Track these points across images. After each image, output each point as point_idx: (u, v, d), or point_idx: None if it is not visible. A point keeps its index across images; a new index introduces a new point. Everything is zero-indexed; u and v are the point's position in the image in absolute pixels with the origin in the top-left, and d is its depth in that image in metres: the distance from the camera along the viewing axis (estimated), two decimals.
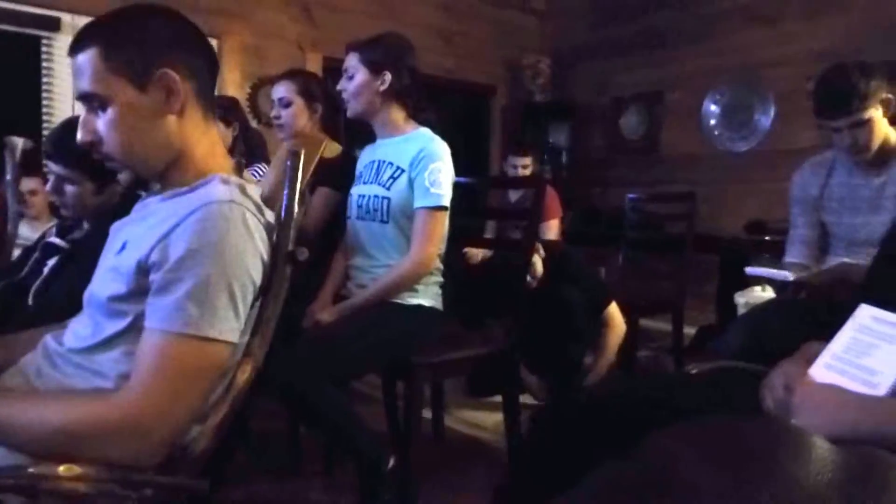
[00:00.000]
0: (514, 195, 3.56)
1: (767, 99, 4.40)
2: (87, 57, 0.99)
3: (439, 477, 2.17)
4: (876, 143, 1.93)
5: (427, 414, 2.42)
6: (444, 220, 1.92)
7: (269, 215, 1.07)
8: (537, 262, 2.57)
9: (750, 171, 4.44)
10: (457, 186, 1.97)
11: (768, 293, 2.59)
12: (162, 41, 1.02)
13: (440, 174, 1.89)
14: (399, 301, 1.89)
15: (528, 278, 2.31)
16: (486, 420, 2.73)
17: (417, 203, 1.89)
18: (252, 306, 1.02)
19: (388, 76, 1.93)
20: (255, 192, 1.06)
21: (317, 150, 2.25)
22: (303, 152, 1.11)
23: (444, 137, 1.99)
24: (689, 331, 3.58)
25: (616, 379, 2.88)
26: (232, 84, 4.20)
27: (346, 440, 1.77)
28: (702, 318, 3.78)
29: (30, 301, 1.66)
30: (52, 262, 1.72)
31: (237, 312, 0.97)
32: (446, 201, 1.91)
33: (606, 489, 0.40)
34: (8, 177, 2.05)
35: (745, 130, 4.52)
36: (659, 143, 5.00)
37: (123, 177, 1.07)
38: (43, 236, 1.95)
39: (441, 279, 2.00)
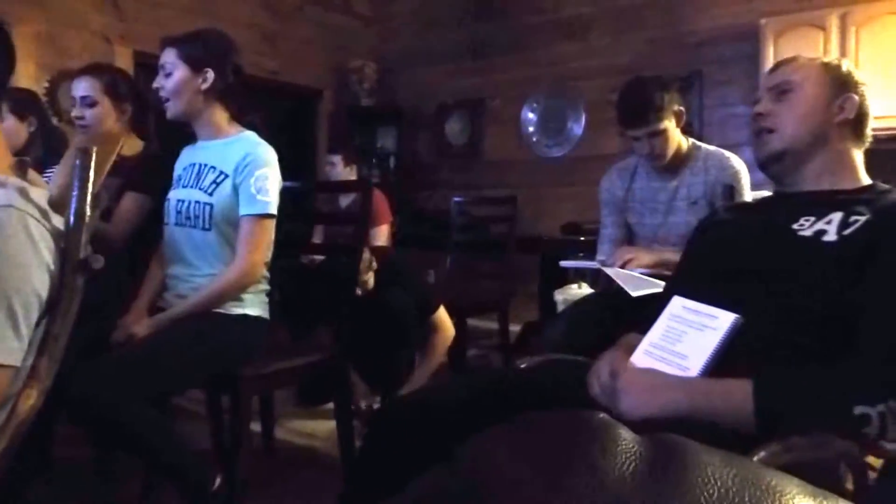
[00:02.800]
0: (344, 200, 3.53)
1: (579, 108, 4.73)
2: None
3: (272, 491, 2.10)
4: (670, 150, 2.14)
5: (256, 427, 2.34)
6: (271, 228, 1.86)
7: (58, 221, 0.97)
8: (370, 278, 2.56)
9: (565, 176, 4.74)
10: (284, 191, 1.91)
11: (585, 290, 2.78)
12: None
13: (267, 181, 1.82)
14: (223, 311, 1.80)
15: (358, 291, 2.30)
16: (318, 428, 2.69)
17: (243, 210, 1.81)
18: (38, 323, 0.92)
19: (210, 74, 1.83)
20: (40, 195, 0.96)
21: (112, 147, 2.08)
22: (94, 150, 1.02)
23: (268, 141, 1.92)
24: (515, 328, 3.76)
25: (446, 379, 2.95)
26: (26, 76, 3.77)
27: (166, 463, 1.65)
28: (527, 315, 3.98)
29: None
30: None
31: (18, 332, 0.87)
32: (273, 209, 1.84)
33: (428, 496, 0.40)
34: None
35: (560, 137, 4.83)
36: (482, 149, 5.20)
37: None
38: None
39: (268, 287, 1.93)
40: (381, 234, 3.43)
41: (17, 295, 0.86)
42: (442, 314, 2.88)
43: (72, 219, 0.98)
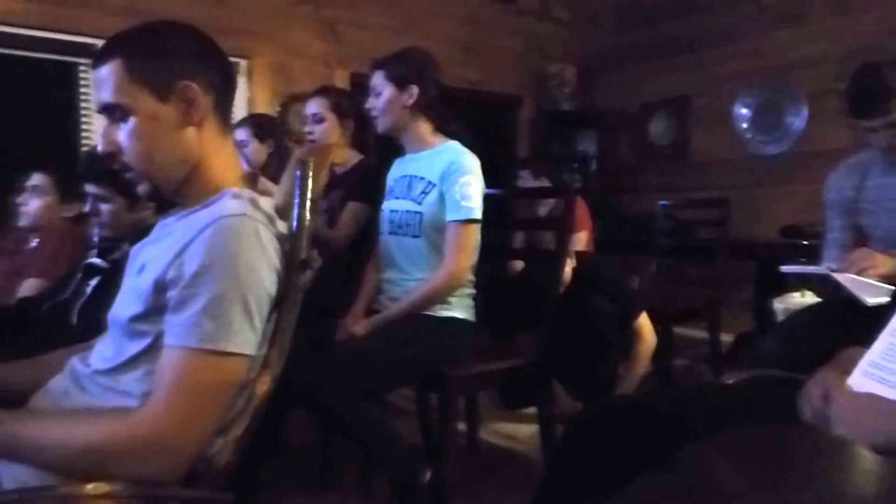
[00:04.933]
0: (542, 209, 3.54)
1: (799, 100, 4.33)
2: (109, 68, 1.01)
3: (474, 489, 2.16)
4: None
5: (462, 426, 2.42)
6: (476, 233, 1.93)
7: (282, 226, 1.08)
8: (566, 269, 2.55)
9: (783, 175, 4.36)
10: (486, 198, 1.97)
11: (808, 299, 2.53)
12: (183, 54, 1.04)
13: (471, 187, 1.90)
14: (431, 314, 1.89)
15: None
16: (520, 432, 2.72)
17: (449, 216, 1.90)
18: (269, 318, 1.02)
19: (414, 90, 1.95)
20: (267, 203, 1.08)
21: (327, 157, 2.29)
22: (311, 160, 1.12)
23: (471, 149, 2.00)
24: (727, 338, 3.53)
25: (651, 388, 2.84)
26: (262, 103, 4.27)
27: (380, 452, 1.78)
28: (739, 325, 3.72)
29: (73, 320, 1.71)
30: (93, 281, 1.76)
31: (253, 325, 0.98)
32: (478, 214, 1.91)
33: (644, 501, 0.40)
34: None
35: (777, 133, 4.45)
36: (688, 149, 4.94)
37: (142, 189, 1.08)
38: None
39: (473, 291, 2.00)
40: (581, 240, 3.40)
41: (251, 293, 0.97)
42: (644, 321, 2.78)
43: (295, 223, 1.09)
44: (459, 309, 1.94)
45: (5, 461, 0.95)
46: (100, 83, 1.03)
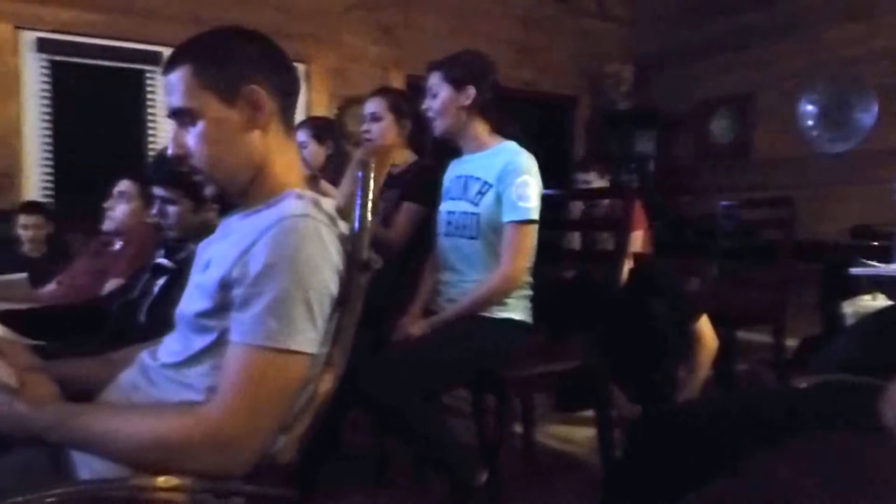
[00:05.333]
0: (595, 208, 3.48)
1: (868, 95, 4.15)
2: (179, 74, 1.04)
3: (529, 492, 2.14)
4: None
5: (517, 428, 2.41)
6: (533, 234, 1.92)
7: (343, 226, 1.09)
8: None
9: (851, 173, 4.19)
10: (542, 199, 1.96)
11: (880, 302, 2.43)
12: (249, 59, 1.07)
13: (528, 188, 1.89)
14: (488, 315, 1.89)
15: None
16: (576, 434, 2.69)
17: (506, 217, 1.89)
18: (331, 318, 1.04)
19: (471, 90, 1.95)
20: (329, 204, 1.09)
21: (387, 159, 2.31)
22: (372, 162, 1.13)
23: (527, 150, 1.99)
24: (792, 343, 3.41)
25: (715, 393, 2.77)
26: (320, 106, 4.34)
27: (436, 453, 1.78)
28: (804, 328, 3.59)
29: (142, 318, 1.77)
30: (161, 281, 1.82)
31: (315, 324, 0.99)
32: (535, 214, 1.90)
33: None
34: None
35: (845, 130, 4.28)
36: (750, 147, 4.80)
37: (209, 190, 1.11)
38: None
39: (530, 292, 1.99)
40: (636, 240, 3.33)
41: (313, 292, 0.98)
42: (704, 324, 2.71)
43: (356, 224, 1.10)
44: (516, 310, 1.93)
45: (81, 452, 0.99)
46: (170, 88, 1.06)
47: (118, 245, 2.56)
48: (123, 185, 2.54)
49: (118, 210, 2.52)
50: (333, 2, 4.53)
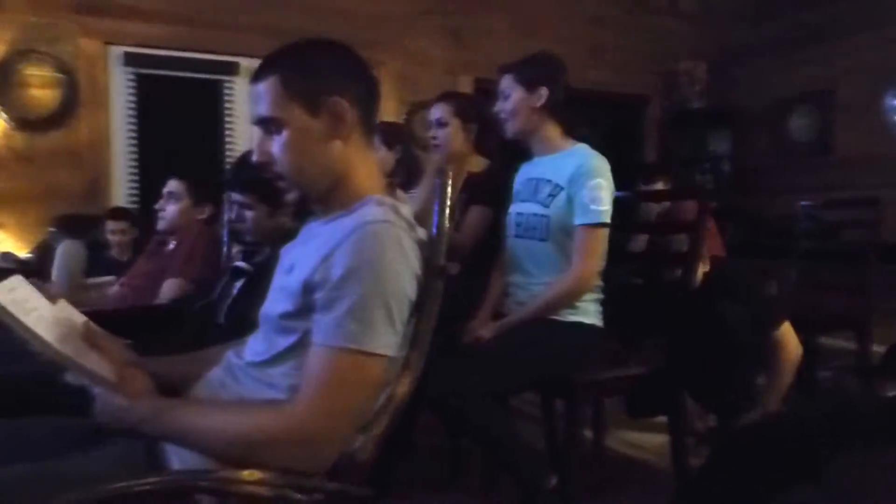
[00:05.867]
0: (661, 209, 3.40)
1: None
2: (266, 84, 1.08)
3: (600, 498, 2.12)
4: None
5: (587, 433, 2.38)
6: (605, 237, 1.90)
7: (421, 232, 1.11)
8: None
9: None
10: (614, 201, 1.94)
11: None
12: (334, 71, 1.10)
13: (601, 190, 1.87)
14: (559, 318, 1.88)
15: None
16: (648, 441, 2.64)
17: (578, 220, 1.88)
18: (408, 321, 1.06)
19: (544, 91, 1.95)
20: (407, 211, 1.12)
21: (463, 166, 2.33)
22: (450, 170, 1.15)
23: (599, 151, 1.97)
24: (879, 349, 3.25)
25: (797, 403, 2.67)
26: (388, 111, 4.41)
27: (505, 456, 1.79)
28: (891, 335, 3.42)
29: (221, 319, 1.84)
30: (238, 283, 1.89)
31: (394, 327, 1.01)
32: (607, 217, 1.88)
33: None
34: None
35: None
36: (832, 145, 4.61)
37: (291, 196, 1.15)
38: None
39: (601, 296, 1.97)
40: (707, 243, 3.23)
41: (393, 297, 1.00)
42: (786, 330, 2.61)
43: (434, 230, 1.13)
44: (587, 313, 1.91)
45: (173, 445, 1.04)
46: (257, 98, 1.10)
47: (172, 244, 2.63)
48: (171, 185, 2.61)
49: (168, 210, 2.58)
50: (400, 7, 4.60)
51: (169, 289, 2.38)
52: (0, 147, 3.84)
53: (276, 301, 1.11)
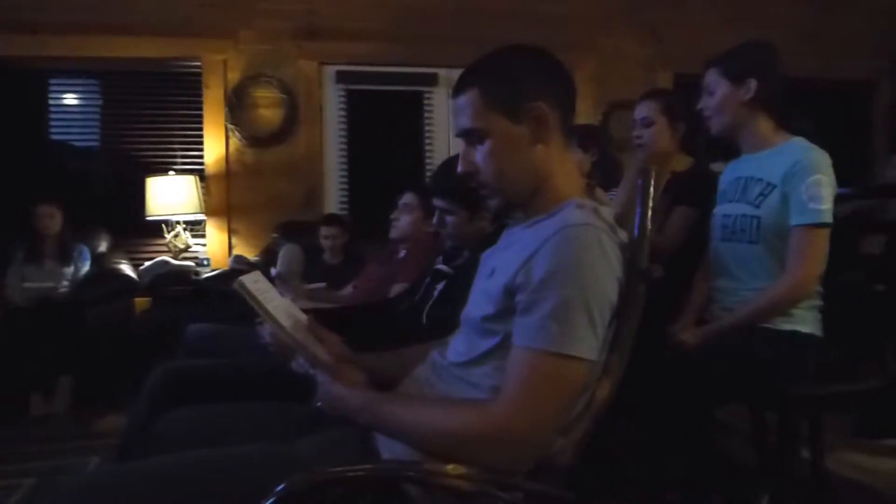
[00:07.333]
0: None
1: None
2: (467, 97, 1.12)
3: None
4: None
5: (805, 453, 2.18)
6: (826, 238, 1.73)
7: (622, 235, 1.09)
8: None
9: None
10: (836, 199, 1.76)
11: None
12: (532, 77, 1.12)
13: (821, 187, 1.71)
14: (771, 326, 1.75)
15: None
16: (879, 466, 2.36)
17: (795, 220, 1.73)
18: (609, 325, 1.05)
19: (752, 83, 1.83)
20: (607, 213, 1.10)
21: (667, 166, 2.24)
22: (653, 170, 1.12)
23: (819, 145, 1.80)
24: None
25: None
26: (583, 113, 4.36)
27: (705, 469, 1.69)
28: None
29: (424, 320, 1.93)
30: (440, 285, 1.97)
31: (595, 331, 1.00)
32: (828, 217, 1.71)
33: None
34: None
35: None
36: None
37: (494, 203, 1.18)
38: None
39: (821, 303, 1.80)
40: None
41: (594, 300, 1.00)
42: None
43: (636, 232, 1.11)
44: (804, 322, 1.76)
45: (383, 436, 1.11)
46: (459, 111, 1.15)
47: (402, 253, 2.82)
48: (407, 197, 2.79)
49: (402, 220, 2.78)
50: (592, 7, 4.54)
51: (396, 293, 2.57)
52: (233, 162, 4.35)
53: (478, 304, 1.14)
